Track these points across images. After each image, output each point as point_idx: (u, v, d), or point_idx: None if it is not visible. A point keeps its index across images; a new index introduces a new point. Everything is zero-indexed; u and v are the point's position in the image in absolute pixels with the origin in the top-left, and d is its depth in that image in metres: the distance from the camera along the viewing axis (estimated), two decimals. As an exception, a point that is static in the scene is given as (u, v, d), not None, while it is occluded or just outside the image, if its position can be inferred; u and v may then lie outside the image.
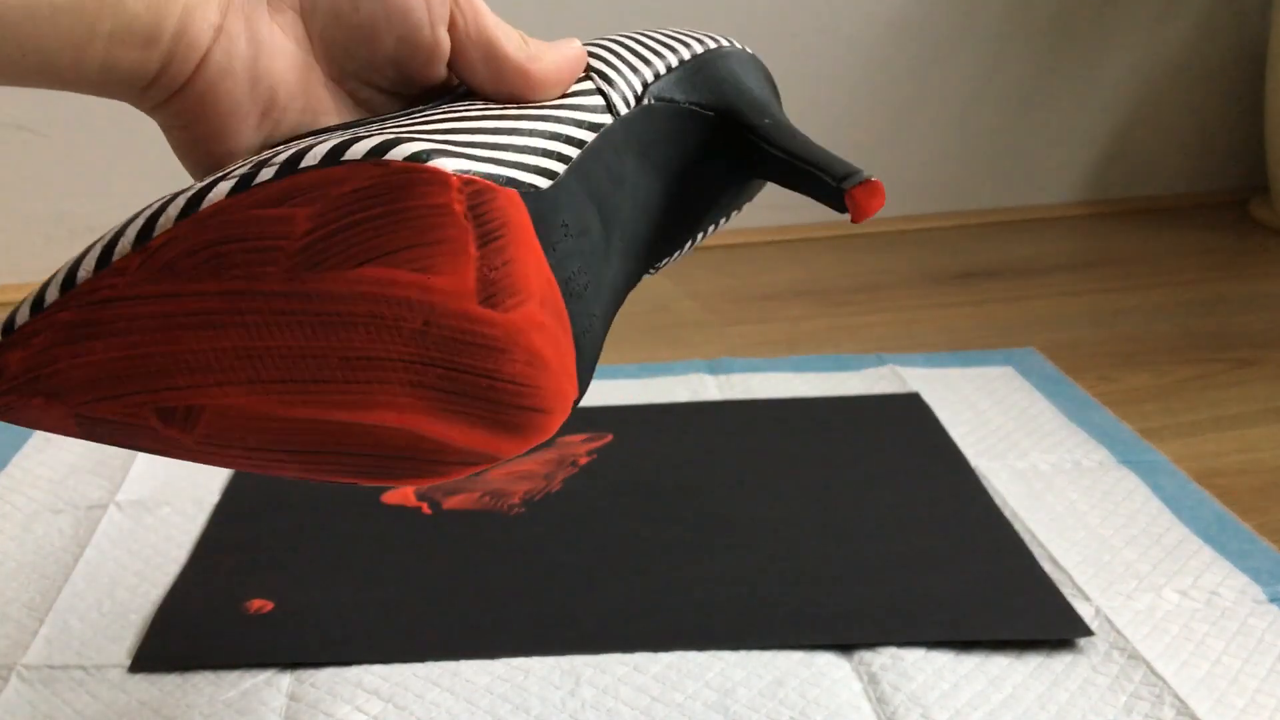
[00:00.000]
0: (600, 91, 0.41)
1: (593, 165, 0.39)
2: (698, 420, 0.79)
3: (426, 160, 0.33)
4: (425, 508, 0.68)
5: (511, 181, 0.35)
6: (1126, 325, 0.99)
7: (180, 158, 0.39)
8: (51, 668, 0.55)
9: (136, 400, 0.35)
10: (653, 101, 0.42)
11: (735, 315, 1.03)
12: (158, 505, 0.69)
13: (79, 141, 1.11)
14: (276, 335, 0.34)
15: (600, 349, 0.39)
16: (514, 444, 0.35)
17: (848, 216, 0.43)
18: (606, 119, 0.40)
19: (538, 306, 0.34)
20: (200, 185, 0.35)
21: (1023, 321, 1.00)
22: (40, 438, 0.77)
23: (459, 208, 0.33)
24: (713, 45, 0.46)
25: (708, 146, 0.44)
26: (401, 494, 0.69)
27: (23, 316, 0.35)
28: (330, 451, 0.36)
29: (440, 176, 0.33)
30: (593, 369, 0.38)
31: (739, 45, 0.47)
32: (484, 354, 0.34)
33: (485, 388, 0.34)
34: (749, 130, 0.44)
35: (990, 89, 1.30)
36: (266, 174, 0.34)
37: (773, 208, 1.27)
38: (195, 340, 0.34)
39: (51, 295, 0.35)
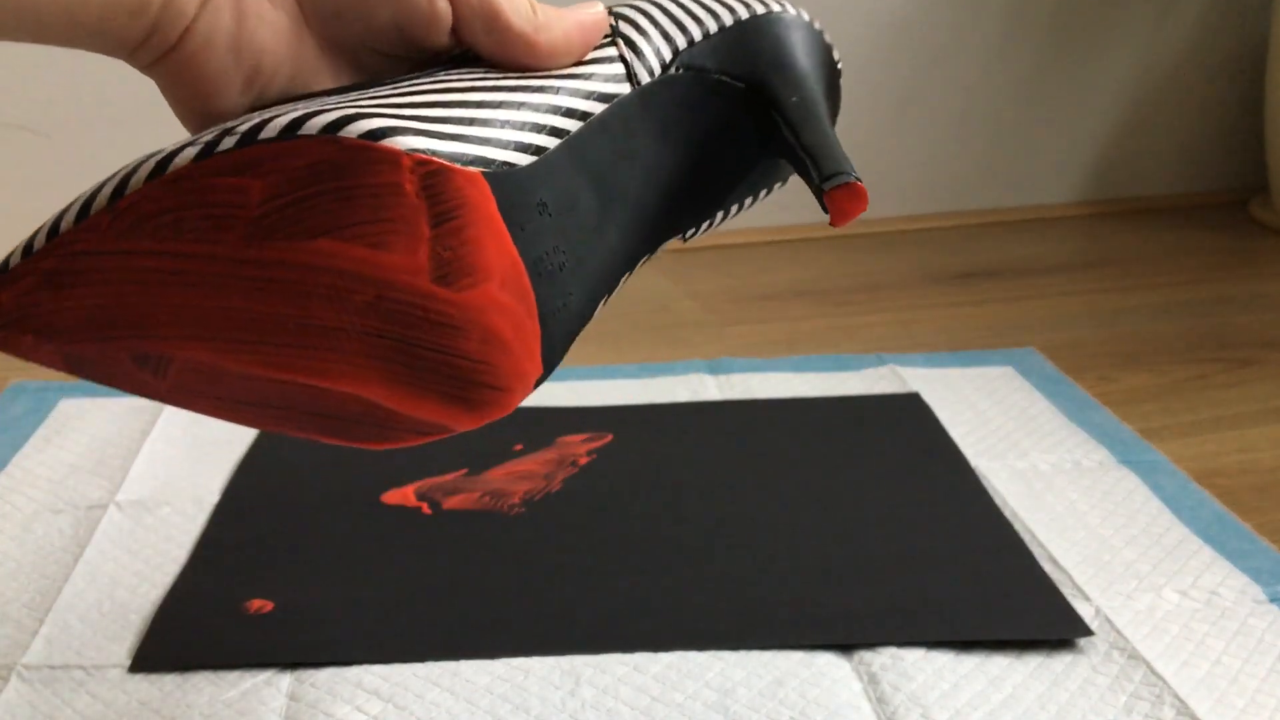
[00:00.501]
0: (622, 59, 0.40)
1: (594, 139, 0.38)
2: (698, 420, 0.79)
3: (381, 138, 0.33)
4: (425, 508, 0.68)
5: (479, 160, 0.34)
6: (1126, 325, 0.99)
7: (175, 113, 0.40)
8: (51, 668, 0.55)
9: (113, 345, 0.37)
10: (680, 70, 0.41)
11: (735, 315, 1.03)
12: (158, 505, 0.69)
13: (79, 141, 1.11)
14: (235, 298, 0.35)
15: (581, 325, 0.38)
16: (469, 418, 0.35)
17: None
18: (623, 89, 0.39)
19: (497, 287, 0.34)
20: (171, 149, 0.36)
21: (1023, 321, 1.00)
22: (40, 438, 0.77)
23: (410, 187, 0.33)
24: (761, 10, 0.44)
25: (735, 120, 0.43)
26: (401, 494, 0.69)
27: (15, 259, 0.37)
28: (291, 408, 0.37)
29: (391, 155, 0.33)
30: (565, 346, 0.37)
31: (795, 11, 0.45)
32: (438, 331, 0.34)
33: (440, 363, 0.34)
34: (774, 106, 0.43)
35: (990, 89, 1.30)
36: (228, 143, 0.34)
37: (773, 208, 1.27)
38: (160, 296, 0.35)
39: (39, 242, 0.37)
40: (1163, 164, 1.37)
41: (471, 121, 0.35)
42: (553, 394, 0.83)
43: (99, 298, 0.36)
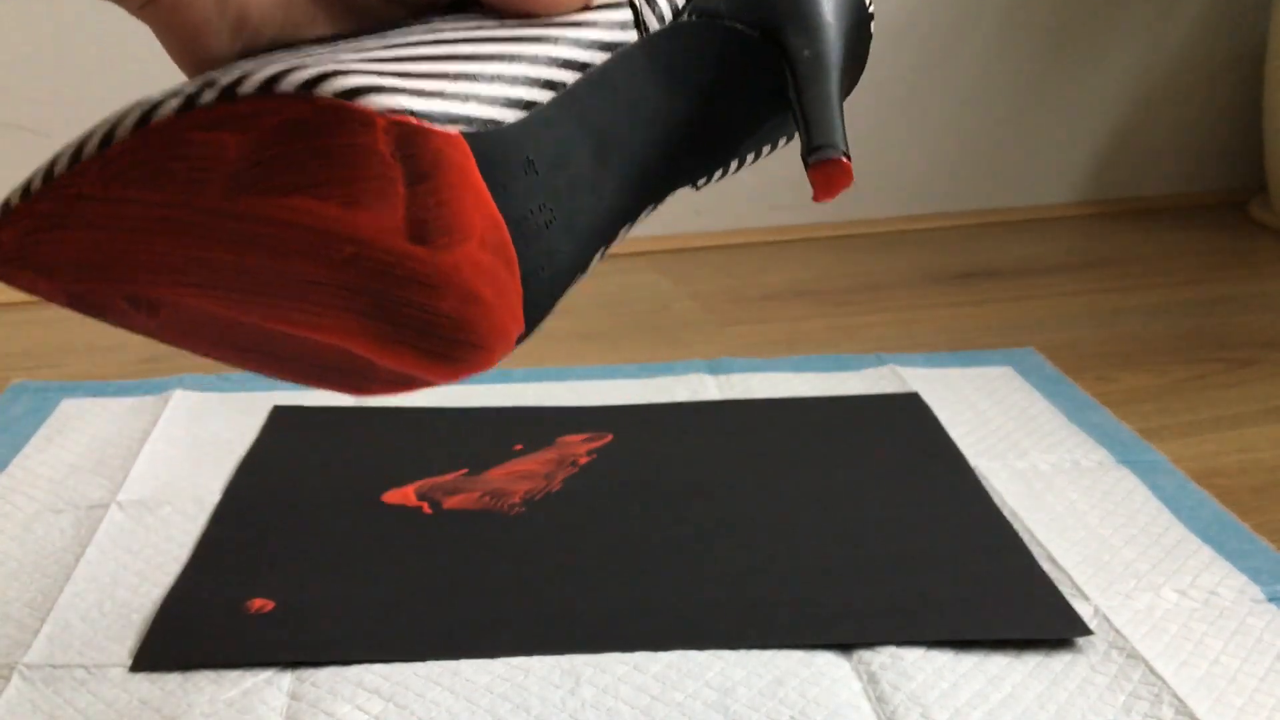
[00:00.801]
0: (631, 4, 0.39)
1: (592, 91, 0.37)
2: (698, 420, 0.79)
3: (356, 96, 0.33)
4: (425, 507, 0.68)
5: (461, 118, 0.34)
6: (1126, 325, 0.99)
7: (170, 57, 0.40)
8: (53, 667, 0.55)
9: (106, 287, 0.37)
10: (691, 17, 0.40)
11: (735, 315, 1.03)
12: (159, 505, 0.69)
13: (80, 142, 1.11)
14: (216, 248, 0.35)
15: (571, 280, 0.38)
16: (449, 373, 0.36)
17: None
18: (629, 37, 0.38)
19: (476, 246, 0.34)
20: (157, 99, 0.36)
21: (1023, 321, 1.00)
22: (41, 438, 0.77)
23: (385, 148, 0.33)
24: None
25: (746, 71, 0.41)
26: (401, 494, 0.69)
27: (14, 199, 0.38)
28: (276, 353, 0.38)
29: (365, 116, 0.33)
30: (552, 302, 0.37)
31: None
32: (415, 288, 0.34)
33: (420, 320, 0.35)
34: (785, 58, 0.41)
35: (990, 89, 1.30)
36: (208, 97, 0.34)
37: (773, 208, 1.27)
38: (146, 243, 0.36)
39: (36, 184, 0.37)
40: (1163, 164, 1.37)
41: (458, 76, 0.35)
42: (553, 394, 0.83)
43: (91, 241, 0.36)
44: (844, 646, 0.56)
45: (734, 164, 0.44)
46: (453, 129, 0.34)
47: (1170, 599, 0.59)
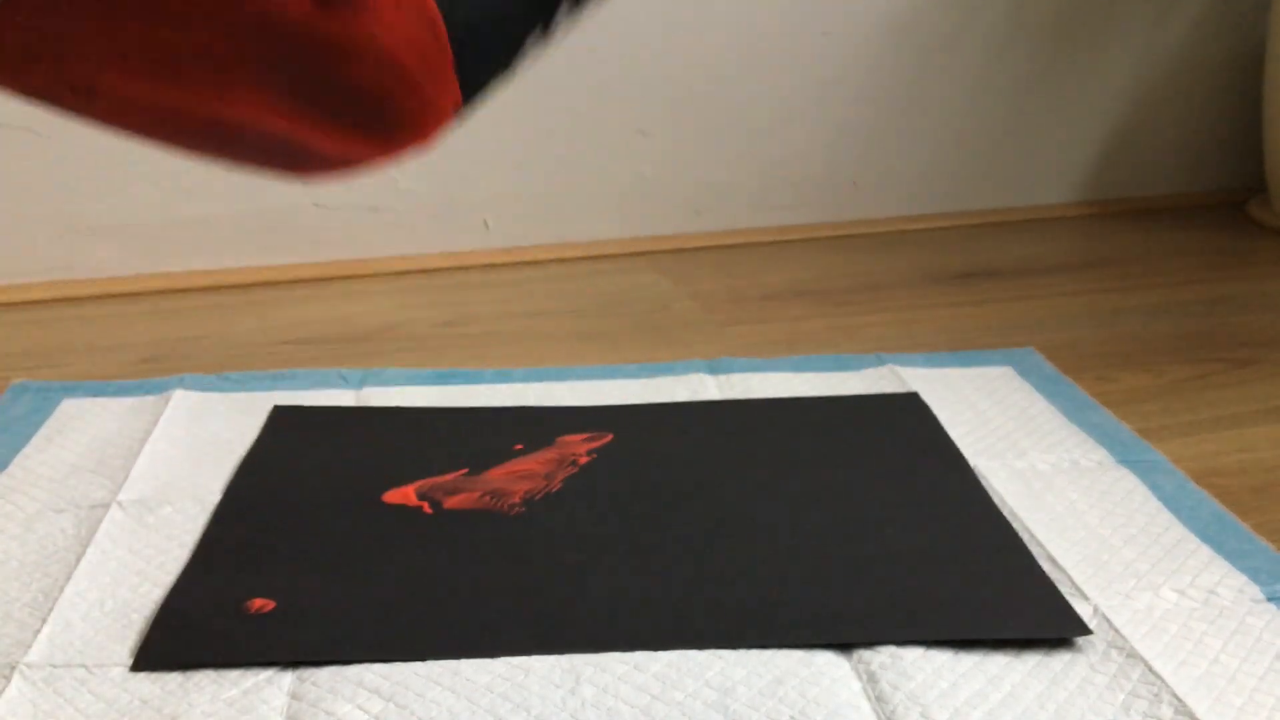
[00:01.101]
0: None
1: None
2: (698, 420, 0.79)
3: None
4: (426, 507, 0.68)
5: None
6: (1126, 325, 0.99)
7: None
8: (54, 666, 0.55)
9: (51, 74, 0.36)
10: None
11: (735, 315, 1.03)
12: (159, 505, 0.69)
13: (79, 141, 1.11)
14: (131, 22, 0.34)
15: (521, 41, 0.35)
16: (381, 149, 0.34)
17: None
18: None
19: (391, 8, 0.32)
20: None
21: (1022, 321, 1.00)
22: (42, 437, 0.77)
23: None
24: None
25: None
26: (402, 493, 0.69)
27: None
28: (211, 136, 0.36)
29: None
30: (496, 70, 0.34)
31: None
32: (329, 58, 0.32)
33: (338, 92, 0.33)
34: None
35: (990, 89, 1.30)
36: None
37: (773, 208, 1.27)
38: (67, 21, 0.35)
39: None
40: (1162, 164, 1.37)
41: None
42: (553, 394, 0.83)
43: (27, 25, 0.35)
44: (844, 646, 0.56)
45: None
46: None
47: (1170, 599, 0.59)
